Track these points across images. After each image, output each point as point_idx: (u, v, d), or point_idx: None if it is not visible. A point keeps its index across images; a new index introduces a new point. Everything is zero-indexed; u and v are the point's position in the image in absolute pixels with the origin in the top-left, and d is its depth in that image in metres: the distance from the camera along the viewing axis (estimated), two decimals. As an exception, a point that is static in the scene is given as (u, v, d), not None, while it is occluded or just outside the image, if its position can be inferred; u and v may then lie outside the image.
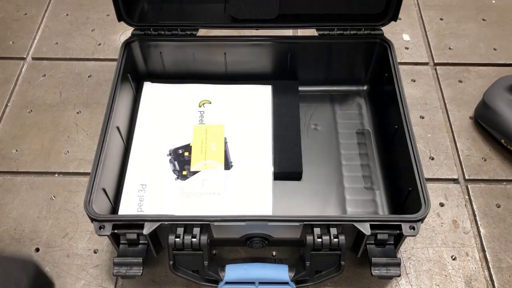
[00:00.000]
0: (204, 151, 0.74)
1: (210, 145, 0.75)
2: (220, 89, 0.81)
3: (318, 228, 0.60)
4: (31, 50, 0.95)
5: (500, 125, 0.78)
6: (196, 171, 0.72)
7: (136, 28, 0.78)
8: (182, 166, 0.73)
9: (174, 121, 0.78)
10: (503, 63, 0.92)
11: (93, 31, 0.98)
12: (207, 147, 0.74)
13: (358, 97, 0.85)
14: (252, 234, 0.63)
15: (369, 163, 0.77)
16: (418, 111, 0.86)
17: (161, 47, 0.79)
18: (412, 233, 0.58)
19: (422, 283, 0.68)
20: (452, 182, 0.78)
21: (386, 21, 0.76)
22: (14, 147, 0.81)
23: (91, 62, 0.93)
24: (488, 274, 0.69)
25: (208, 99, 0.80)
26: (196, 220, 0.60)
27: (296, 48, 0.80)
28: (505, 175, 0.78)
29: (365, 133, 0.80)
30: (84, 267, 0.69)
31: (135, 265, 0.63)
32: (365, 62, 0.82)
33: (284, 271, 0.62)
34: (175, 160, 0.73)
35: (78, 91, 0.89)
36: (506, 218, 0.74)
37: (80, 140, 0.82)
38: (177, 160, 0.73)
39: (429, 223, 0.73)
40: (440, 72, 0.92)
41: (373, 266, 0.62)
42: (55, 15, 1.02)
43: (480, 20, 1.00)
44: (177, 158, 0.73)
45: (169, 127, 0.77)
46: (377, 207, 0.72)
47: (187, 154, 0.74)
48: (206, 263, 0.61)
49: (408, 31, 0.98)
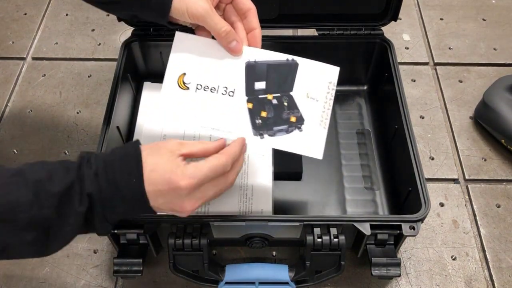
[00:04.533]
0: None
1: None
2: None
3: (318, 228, 0.60)
4: (31, 50, 0.95)
5: (500, 125, 0.78)
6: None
7: (136, 28, 0.78)
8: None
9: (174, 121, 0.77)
10: (503, 63, 0.92)
11: (93, 31, 0.98)
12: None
13: (358, 97, 0.85)
14: (252, 234, 0.64)
15: (369, 163, 0.76)
16: (418, 111, 0.86)
17: (161, 47, 0.79)
18: (412, 233, 0.58)
19: (422, 283, 0.68)
20: (452, 182, 0.78)
21: (386, 21, 0.76)
22: (14, 147, 0.81)
23: (91, 62, 0.94)
24: (488, 274, 0.69)
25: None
26: (196, 220, 0.60)
27: (296, 48, 0.80)
28: (505, 175, 0.78)
29: (365, 133, 0.80)
30: (84, 267, 0.69)
31: (135, 265, 0.63)
32: (365, 62, 0.82)
33: (284, 271, 0.62)
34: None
35: (78, 91, 0.89)
36: (506, 218, 0.74)
37: (80, 140, 0.82)
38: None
39: (429, 223, 0.73)
40: (440, 72, 0.92)
41: (373, 266, 0.62)
42: (55, 15, 1.02)
43: (480, 20, 1.00)
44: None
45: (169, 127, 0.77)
46: (377, 207, 0.72)
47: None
48: (206, 263, 0.61)
49: (408, 31, 0.98)
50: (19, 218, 0.43)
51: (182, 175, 0.48)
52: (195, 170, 0.49)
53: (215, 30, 0.56)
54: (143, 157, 0.48)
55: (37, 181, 0.44)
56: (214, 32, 0.56)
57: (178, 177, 0.48)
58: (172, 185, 0.48)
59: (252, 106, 0.58)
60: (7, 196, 0.42)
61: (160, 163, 0.48)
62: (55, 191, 0.44)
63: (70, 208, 0.45)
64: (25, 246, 0.44)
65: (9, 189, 0.43)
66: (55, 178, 0.45)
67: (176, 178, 0.47)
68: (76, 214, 0.46)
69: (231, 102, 0.58)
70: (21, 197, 0.43)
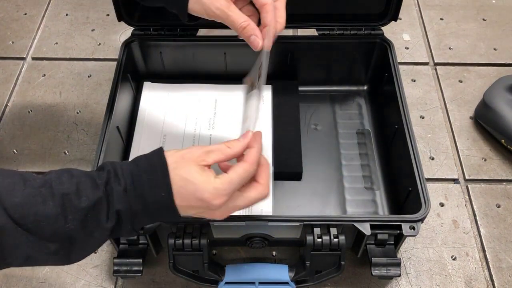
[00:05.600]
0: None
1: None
2: (220, 89, 0.81)
3: (318, 228, 0.60)
4: (31, 50, 0.95)
5: (500, 125, 0.78)
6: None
7: (136, 28, 0.78)
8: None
9: (174, 121, 0.78)
10: (503, 63, 0.92)
11: (93, 31, 0.98)
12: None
13: (358, 97, 0.85)
14: (252, 234, 0.63)
15: (369, 163, 0.76)
16: (418, 111, 0.86)
17: (161, 47, 0.79)
18: (412, 233, 0.58)
19: (422, 283, 0.68)
20: (452, 182, 0.78)
21: (386, 21, 0.76)
22: (14, 147, 0.81)
23: (91, 62, 0.93)
24: (488, 274, 0.69)
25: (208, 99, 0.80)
26: (196, 220, 0.60)
27: (296, 48, 0.80)
28: (505, 175, 0.78)
29: (365, 133, 0.80)
30: (84, 267, 0.69)
31: (135, 265, 0.63)
32: (365, 62, 0.82)
33: (284, 271, 0.62)
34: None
35: (78, 91, 0.89)
36: (506, 218, 0.74)
37: (80, 140, 0.82)
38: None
39: (429, 223, 0.73)
40: (440, 72, 0.92)
41: (373, 266, 0.62)
42: (55, 15, 1.02)
43: (480, 20, 1.00)
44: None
45: (169, 127, 0.77)
46: (377, 207, 0.72)
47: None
48: (206, 263, 0.61)
49: (408, 31, 0.98)
50: (44, 230, 0.42)
51: (214, 193, 0.47)
52: (228, 186, 0.47)
53: (234, 27, 0.54)
54: (170, 171, 0.46)
55: (64, 194, 0.43)
56: (233, 28, 0.55)
57: (210, 195, 0.46)
58: (204, 203, 0.47)
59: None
60: (33, 208, 0.42)
61: (189, 179, 0.46)
62: (82, 206, 0.44)
63: (96, 224, 0.45)
64: (48, 256, 0.44)
65: (35, 200, 0.42)
66: (83, 193, 0.44)
67: (208, 197, 0.46)
68: (103, 229, 0.46)
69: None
70: (47, 209, 0.42)
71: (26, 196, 0.42)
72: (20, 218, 0.41)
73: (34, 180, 0.44)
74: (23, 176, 0.43)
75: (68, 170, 0.46)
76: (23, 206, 0.41)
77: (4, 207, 0.41)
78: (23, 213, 0.41)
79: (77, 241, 0.45)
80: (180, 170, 0.47)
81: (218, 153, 0.49)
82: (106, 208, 0.45)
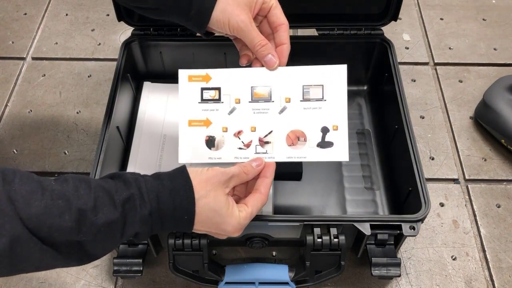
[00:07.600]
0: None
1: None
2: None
3: (318, 228, 0.60)
4: (31, 50, 0.95)
5: (500, 125, 0.78)
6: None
7: (136, 28, 0.78)
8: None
9: (174, 121, 0.77)
10: (503, 63, 0.92)
11: (93, 31, 0.98)
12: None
13: (358, 97, 0.85)
14: (252, 234, 0.63)
15: (369, 163, 0.76)
16: (418, 111, 0.86)
17: (161, 47, 0.79)
18: (412, 233, 0.58)
19: (422, 283, 0.68)
20: (452, 182, 0.78)
21: (386, 21, 0.76)
22: (14, 147, 0.81)
23: (91, 62, 0.93)
24: (488, 274, 0.69)
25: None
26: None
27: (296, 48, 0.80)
28: (505, 175, 0.78)
29: (365, 133, 0.80)
30: (84, 267, 0.69)
31: (135, 265, 0.63)
32: (365, 62, 0.82)
33: (284, 271, 0.62)
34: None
35: (78, 91, 0.89)
36: (506, 218, 0.74)
37: (80, 140, 0.82)
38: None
39: (429, 223, 0.73)
40: (440, 72, 0.92)
41: (373, 266, 0.62)
42: (55, 15, 1.02)
43: (480, 20, 1.00)
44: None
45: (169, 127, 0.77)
46: (377, 207, 0.72)
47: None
48: (206, 264, 0.61)
49: (408, 31, 0.98)
50: (57, 239, 0.43)
51: (237, 227, 0.51)
52: (248, 221, 0.52)
53: (251, 43, 0.56)
54: (197, 200, 0.49)
55: (81, 209, 0.44)
56: (250, 45, 0.56)
57: (233, 228, 0.51)
58: (224, 232, 0.52)
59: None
60: (49, 220, 0.42)
61: (217, 211, 0.50)
62: (98, 223, 0.44)
63: (111, 240, 0.46)
64: (61, 261, 0.45)
65: (52, 213, 0.42)
66: (99, 209, 0.45)
67: (231, 230, 0.51)
68: (118, 243, 0.48)
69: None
70: (62, 222, 0.42)
71: (43, 208, 0.42)
72: (35, 228, 0.41)
73: (52, 190, 0.43)
74: (41, 183, 0.43)
75: (87, 180, 0.46)
76: (39, 217, 0.42)
77: (21, 217, 0.41)
78: (39, 224, 0.42)
79: (90, 250, 0.46)
80: (209, 199, 0.50)
81: (237, 180, 0.53)
82: (121, 228, 0.46)
